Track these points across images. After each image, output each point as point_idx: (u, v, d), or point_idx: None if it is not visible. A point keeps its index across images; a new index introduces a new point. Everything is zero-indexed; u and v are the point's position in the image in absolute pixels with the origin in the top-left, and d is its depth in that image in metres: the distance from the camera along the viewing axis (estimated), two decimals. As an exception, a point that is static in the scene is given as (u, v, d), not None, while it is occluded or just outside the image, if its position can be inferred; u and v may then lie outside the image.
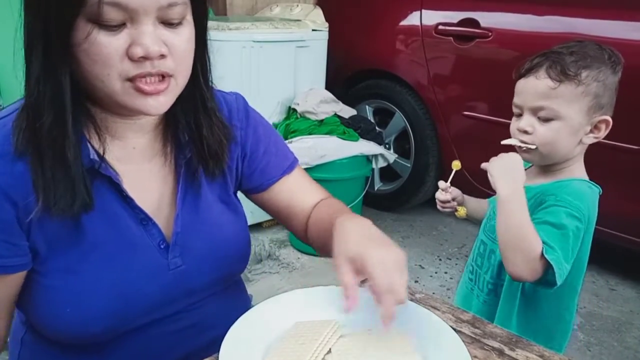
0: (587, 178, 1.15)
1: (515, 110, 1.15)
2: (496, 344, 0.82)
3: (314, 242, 0.94)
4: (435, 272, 2.50)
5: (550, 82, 1.07)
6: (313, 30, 2.75)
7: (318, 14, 2.92)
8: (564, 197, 1.06)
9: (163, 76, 0.69)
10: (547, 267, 1.01)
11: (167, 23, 0.68)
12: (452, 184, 1.32)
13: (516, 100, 1.13)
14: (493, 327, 0.87)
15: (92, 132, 0.74)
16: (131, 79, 0.67)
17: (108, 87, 0.67)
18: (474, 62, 2.53)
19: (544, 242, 1.01)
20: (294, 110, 2.66)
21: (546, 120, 1.09)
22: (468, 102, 2.59)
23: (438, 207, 1.33)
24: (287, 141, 2.53)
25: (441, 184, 1.30)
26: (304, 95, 2.66)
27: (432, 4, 2.72)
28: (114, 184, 0.75)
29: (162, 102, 0.70)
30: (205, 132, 0.80)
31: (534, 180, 1.16)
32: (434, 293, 2.28)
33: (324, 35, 2.80)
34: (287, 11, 3.01)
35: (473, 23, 2.50)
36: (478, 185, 2.62)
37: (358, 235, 0.74)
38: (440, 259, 2.62)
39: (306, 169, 2.49)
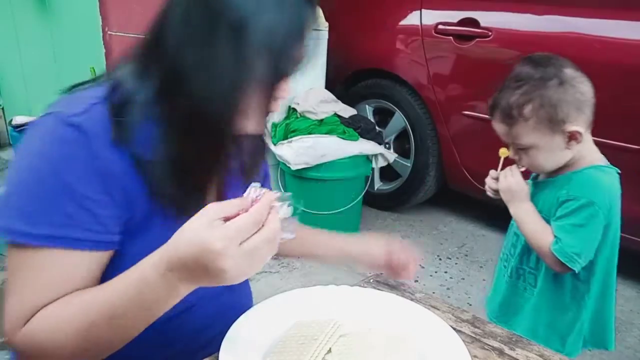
0: (602, 162, 1.21)
1: None
2: (496, 344, 0.82)
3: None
4: (435, 272, 2.50)
5: (504, 127, 1.18)
6: (313, 29, 2.75)
7: (318, 13, 2.92)
8: (575, 188, 1.16)
9: None
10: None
11: None
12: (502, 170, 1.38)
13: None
14: (493, 326, 0.87)
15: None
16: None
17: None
18: (473, 61, 2.53)
19: (555, 237, 1.15)
20: (294, 109, 2.66)
21: (523, 149, 1.19)
22: (468, 101, 2.59)
23: (489, 194, 1.38)
24: (287, 141, 2.53)
25: (493, 172, 1.36)
26: (304, 94, 2.66)
27: (432, 3, 2.72)
28: None
29: None
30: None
31: (552, 174, 1.24)
32: (434, 293, 2.28)
33: (324, 35, 2.80)
34: (287, 11, 3.01)
35: (473, 22, 2.50)
36: (478, 184, 2.62)
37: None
38: (440, 259, 2.62)
39: (306, 169, 2.50)
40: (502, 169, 1.33)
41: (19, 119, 3.74)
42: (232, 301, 0.92)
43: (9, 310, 0.68)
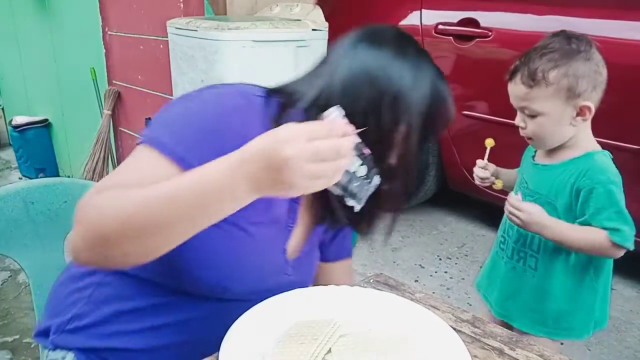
0: (597, 147, 1.28)
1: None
2: (496, 344, 0.82)
3: None
4: (435, 272, 2.50)
5: (524, 88, 1.22)
6: (313, 30, 2.75)
7: (318, 13, 2.92)
8: (596, 175, 1.21)
9: None
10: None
11: None
12: (489, 160, 1.47)
13: (510, 100, 1.29)
14: (493, 326, 0.87)
15: None
16: None
17: None
18: (473, 61, 2.53)
19: (607, 229, 1.18)
20: (294, 109, 2.66)
21: (532, 116, 1.24)
22: (468, 101, 2.59)
23: (477, 182, 1.48)
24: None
25: (480, 162, 1.46)
26: (304, 94, 2.66)
27: (432, 3, 2.72)
28: None
29: None
30: None
31: (553, 158, 1.30)
32: (434, 292, 2.28)
33: (324, 35, 2.80)
34: (287, 11, 3.01)
35: (473, 23, 2.50)
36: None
37: None
38: (440, 259, 2.62)
39: (306, 169, 2.50)
40: (489, 158, 1.45)
41: (19, 119, 3.74)
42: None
43: (102, 180, 0.74)
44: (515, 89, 1.25)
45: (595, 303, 1.31)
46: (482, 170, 1.45)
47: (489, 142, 1.43)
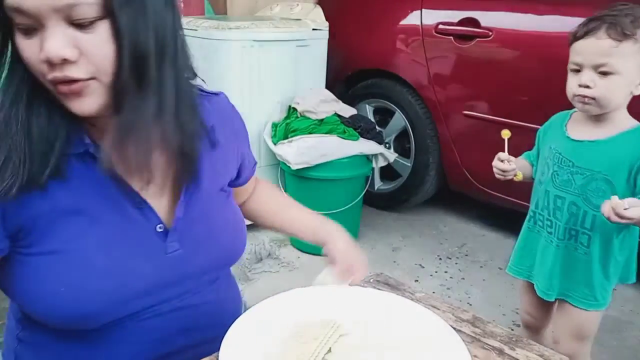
0: (634, 120, 1.31)
1: (573, 67, 1.29)
2: (496, 344, 0.82)
3: (254, 218, 1.09)
4: (435, 272, 2.50)
5: (611, 42, 1.21)
6: (313, 29, 2.75)
7: (318, 13, 2.92)
8: None
9: (75, 80, 0.66)
10: None
11: (77, 25, 0.63)
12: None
13: (576, 59, 1.28)
14: (493, 326, 0.87)
15: (89, 123, 0.74)
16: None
17: (48, 87, 0.67)
18: (474, 61, 2.52)
19: None
20: (294, 109, 2.66)
21: (605, 74, 1.23)
22: (468, 101, 2.59)
23: (497, 176, 1.45)
24: (287, 140, 2.53)
25: (502, 155, 1.43)
26: (304, 94, 2.66)
27: (432, 3, 2.71)
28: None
29: (87, 103, 0.68)
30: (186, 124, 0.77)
31: (594, 132, 1.32)
32: (434, 292, 2.28)
33: (324, 35, 2.80)
34: (288, 10, 3.01)
35: (473, 22, 2.50)
36: (478, 184, 2.62)
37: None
38: (440, 258, 2.62)
39: (306, 168, 2.50)
40: (509, 150, 1.42)
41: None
42: (224, 294, 0.93)
43: None
44: (596, 44, 1.23)
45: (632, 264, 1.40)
46: (505, 163, 1.42)
47: (506, 133, 1.41)
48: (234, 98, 0.96)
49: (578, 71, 1.28)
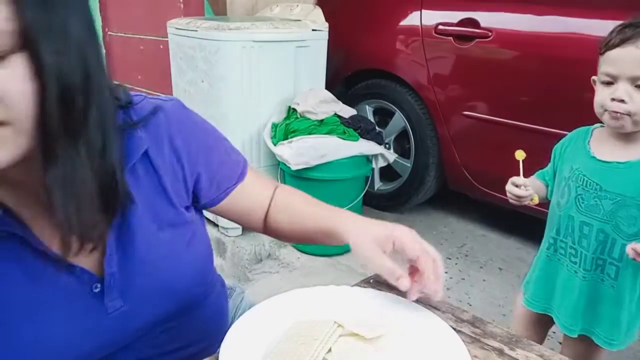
0: None
1: (605, 79, 1.16)
2: (496, 344, 0.82)
3: (280, 232, 0.96)
4: (435, 272, 2.50)
5: None
6: (313, 30, 2.75)
7: (318, 13, 2.92)
8: None
9: None
10: None
11: None
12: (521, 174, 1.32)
13: (610, 69, 1.15)
14: (493, 326, 0.87)
15: None
16: None
17: None
18: (474, 62, 2.52)
19: None
20: (294, 110, 2.67)
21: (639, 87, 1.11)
22: (468, 102, 2.59)
23: (512, 202, 1.32)
24: (287, 141, 2.53)
25: (518, 179, 1.29)
26: (304, 95, 2.66)
27: (432, 4, 2.72)
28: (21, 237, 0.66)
29: None
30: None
31: (624, 154, 1.19)
32: (434, 293, 2.27)
33: (324, 35, 2.80)
34: (287, 11, 3.01)
35: (473, 23, 2.50)
36: (478, 185, 2.62)
37: (367, 224, 0.90)
38: (440, 259, 2.62)
39: (306, 169, 2.50)
40: (524, 172, 1.29)
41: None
42: (201, 321, 0.88)
43: None
44: (636, 54, 1.10)
45: None
46: (522, 189, 1.28)
47: (520, 155, 1.26)
48: (234, 98, 0.96)
49: (611, 83, 1.15)
